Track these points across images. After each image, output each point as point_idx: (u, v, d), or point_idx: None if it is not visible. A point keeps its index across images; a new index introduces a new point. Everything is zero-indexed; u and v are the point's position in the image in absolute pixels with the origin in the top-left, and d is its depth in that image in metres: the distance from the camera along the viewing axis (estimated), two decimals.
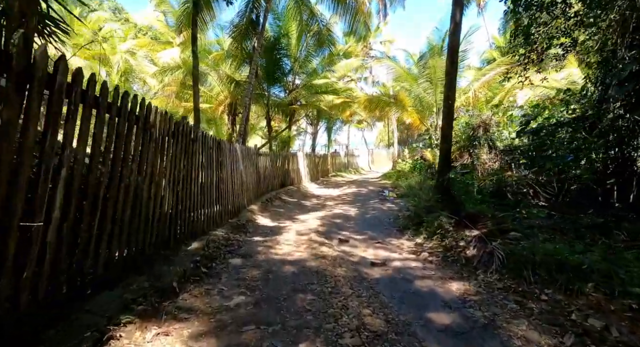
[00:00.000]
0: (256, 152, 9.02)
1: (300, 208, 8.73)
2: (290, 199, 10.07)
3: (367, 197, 10.61)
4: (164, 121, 3.40)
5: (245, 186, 7.50)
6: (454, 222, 4.74)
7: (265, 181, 9.79)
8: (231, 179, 6.38)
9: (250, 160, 8.17)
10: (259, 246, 4.70)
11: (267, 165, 10.18)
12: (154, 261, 3.18)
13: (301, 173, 13.64)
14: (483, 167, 11.64)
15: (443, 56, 12.43)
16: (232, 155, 6.49)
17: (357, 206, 8.81)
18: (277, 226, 6.21)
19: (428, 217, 5.28)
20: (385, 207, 8.48)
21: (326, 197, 11.07)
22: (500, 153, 11.07)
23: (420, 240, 4.98)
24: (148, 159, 3.03)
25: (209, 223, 5.02)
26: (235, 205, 6.60)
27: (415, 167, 15.25)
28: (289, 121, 15.80)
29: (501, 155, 10.98)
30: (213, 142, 5.27)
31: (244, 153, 7.57)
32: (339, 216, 7.37)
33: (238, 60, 13.71)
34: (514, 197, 7.24)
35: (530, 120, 7.35)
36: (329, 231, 5.82)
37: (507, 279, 3.19)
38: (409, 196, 9.89)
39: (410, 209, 7.77)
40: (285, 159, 11.94)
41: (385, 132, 40.80)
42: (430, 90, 13.13)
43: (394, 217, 7.13)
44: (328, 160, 18.41)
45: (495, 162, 11.39)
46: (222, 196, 5.72)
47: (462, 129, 12.64)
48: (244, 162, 7.63)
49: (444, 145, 5.99)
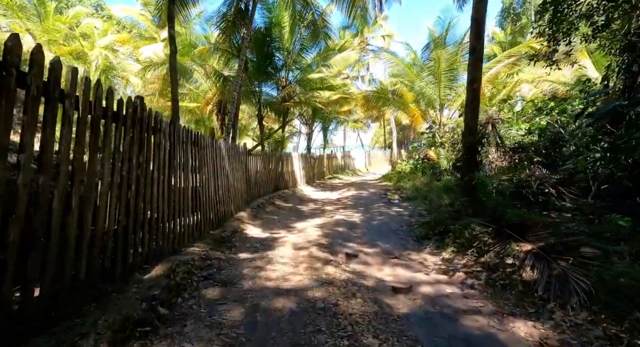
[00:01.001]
0: (246, 152, 7.98)
1: (296, 214, 7.69)
2: (285, 204, 9.03)
3: (370, 201, 9.62)
4: (97, 96, 2.36)
5: (232, 190, 6.45)
6: (492, 232, 3.76)
7: (256, 184, 8.74)
8: (214, 182, 5.33)
9: (238, 161, 7.13)
10: (246, 266, 3.66)
11: (259, 166, 9.14)
12: (82, 304, 2.13)
13: (296, 175, 12.62)
14: (491, 166, 10.81)
15: (447, 47, 11.59)
16: (215, 153, 5.45)
17: (361, 211, 7.81)
18: (270, 238, 5.16)
19: (455, 225, 4.29)
20: (392, 212, 7.49)
21: (324, 201, 10.05)
22: (509, 151, 10.23)
23: (448, 254, 3.99)
24: (62, 148, 1.99)
25: (182, 238, 3.96)
26: (220, 213, 5.54)
27: (417, 168, 14.34)
28: (282, 120, 14.79)
29: (510, 153, 10.14)
30: (187, 135, 4.23)
31: (230, 152, 6.52)
32: (341, 223, 6.36)
33: (226, 54, 12.67)
34: (534, 198, 6.32)
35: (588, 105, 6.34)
36: (332, 243, 4.80)
37: (606, 320, 2.20)
38: (417, 198, 8.93)
39: (422, 214, 6.80)
40: (279, 161, 10.91)
41: (380, 133, 40.01)
42: (434, 84, 12.25)
43: (405, 223, 6.14)
44: (324, 162, 17.42)
45: (503, 161, 10.58)
46: (202, 202, 4.66)
47: None
48: (231, 162, 6.59)
49: (469, 138, 5.02)
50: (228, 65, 13.21)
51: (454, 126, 12.52)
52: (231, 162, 6.55)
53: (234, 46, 11.96)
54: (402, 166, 17.62)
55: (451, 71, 11.74)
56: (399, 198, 9.86)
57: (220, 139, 5.96)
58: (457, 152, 12.19)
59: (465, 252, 3.79)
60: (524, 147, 9.64)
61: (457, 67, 11.67)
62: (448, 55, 11.25)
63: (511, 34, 18.57)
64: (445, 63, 11.56)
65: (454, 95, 12.46)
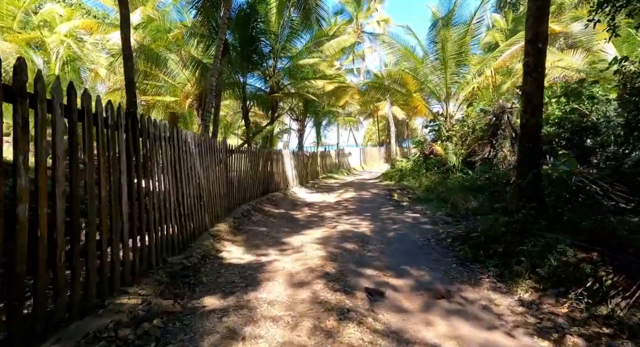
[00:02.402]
0: (226, 149, 6.48)
1: (290, 224, 6.23)
2: (275, 210, 7.56)
3: (375, 204, 8.23)
4: None
5: (206, 197, 4.96)
6: (608, 262, 2.39)
7: (241, 187, 7.25)
8: (175, 188, 3.84)
9: (215, 160, 5.63)
10: (210, 331, 2.19)
11: (244, 166, 7.65)
12: None
13: (288, 175, 11.15)
14: (505, 161, 9.61)
15: (455, 27, 10.26)
16: (177, 148, 3.95)
17: (368, 218, 6.41)
18: (255, 264, 3.70)
19: (527, 245, 2.91)
20: (408, 219, 6.10)
21: (322, 205, 8.62)
22: None
23: (528, 294, 2.61)
24: None
25: (109, 280, 2.47)
26: (186, 229, 4.06)
27: (420, 165, 13.03)
28: (271, 115, 13.29)
29: None
30: (116, 115, 2.72)
31: (203, 148, 5.03)
32: (348, 236, 4.94)
33: (206, 40, 11.07)
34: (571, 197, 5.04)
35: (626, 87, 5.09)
36: (343, 271, 3.38)
37: None
38: (431, 200, 7.60)
39: (448, 221, 5.43)
40: (268, 159, 9.43)
41: (373, 130, 38.76)
42: (440, 70, 10.94)
43: (431, 235, 4.75)
44: (318, 160, 15.98)
45: (515, 154, 9.37)
46: (151, 218, 3.17)
47: (478, 117, 10.52)
48: (205, 161, 5.09)
49: (531, 119, 3.60)
50: (208, 53, 11.60)
51: (463, 117, 11.25)
52: (205, 161, 5.06)
53: (213, 30, 10.38)
54: (402, 164, 16.35)
55: (460, 55, 10.45)
56: (407, 200, 8.51)
57: (188, 130, 4.47)
58: (467, 147, 10.94)
59: (561, 293, 2.41)
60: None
61: (467, 50, 10.39)
62: (457, 36, 9.96)
63: (513, 22, 17.44)
64: (453, 45, 10.26)
65: (462, 82, 11.19)
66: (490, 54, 10.97)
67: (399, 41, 11.19)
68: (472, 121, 10.61)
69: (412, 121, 38.24)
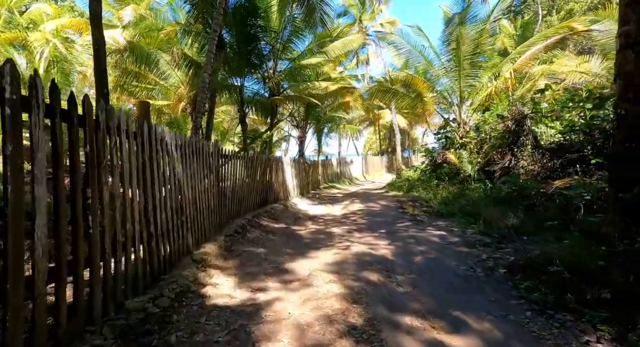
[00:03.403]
0: (218, 153, 5.53)
1: (292, 243, 5.22)
2: (274, 225, 6.56)
3: (388, 218, 7.25)
4: None
5: (191, 211, 3.98)
6: None
7: (235, 198, 6.26)
8: (142, 199, 2.85)
9: (204, 165, 4.67)
10: None
11: (241, 174, 6.69)
12: None
13: (288, 185, 10.17)
14: (525, 170, 8.72)
15: (471, 25, 9.49)
16: (146, 149, 2.99)
17: (385, 236, 5.41)
18: (249, 307, 2.69)
19: None
20: (434, 238, 5.11)
21: (327, 219, 7.62)
22: (546, 152, 8.19)
23: None
24: None
25: None
26: (158, 255, 3.06)
27: (428, 174, 12.10)
28: (270, 120, 12.39)
29: (548, 155, 8.09)
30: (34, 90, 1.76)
31: (188, 151, 4.07)
32: (366, 261, 3.96)
33: (200, 39, 10.27)
34: None
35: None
36: (373, 320, 2.39)
37: None
38: (453, 214, 6.65)
39: (486, 242, 4.45)
40: (267, 166, 8.47)
41: (374, 139, 38.00)
42: (454, 72, 10.13)
43: (474, 261, 3.75)
44: (319, 169, 15.03)
45: (535, 165, 8.54)
46: (95, 244, 2.18)
47: (496, 123, 9.67)
48: (190, 167, 4.13)
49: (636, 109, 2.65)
50: (203, 52, 10.78)
51: (478, 125, 10.39)
52: (190, 167, 4.09)
53: (209, 27, 9.57)
54: (408, 173, 15.43)
55: (475, 55, 9.67)
56: (424, 214, 7.55)
57: (165, 128, 3.51)
58: (485, 155, 10.06)
59: None
60: (564, 147, 7.62)
61: (483, 50, 9.61)
62: (473, 34, 9.19)
63: (521, 28, 16.89)
64: (468, 45, 9.49)
65: (477, 86, 10.38)
66: (509, 56, 10.20)
67: (409, 41, 10.42)
68: (489, 127, 9.76)
69: (412, 130, 37.64)
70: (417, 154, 38.62)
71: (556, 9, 19.51)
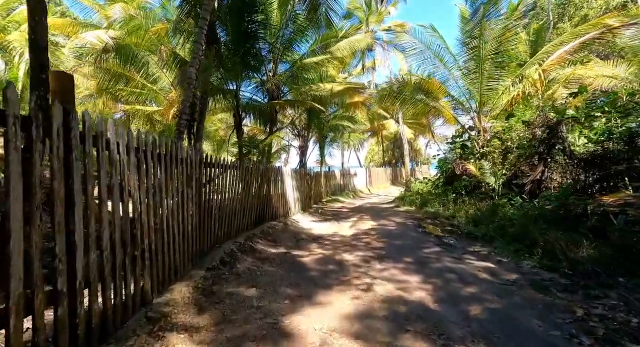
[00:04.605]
0: (201, 162, 4.37)
1: (295, 278, 3.98)
2: (272, 250, 5.33)
3: (409, 240, 6.03)
4: None
5: (153, 240, 2.79)
6: None
7: (224, 217, 5.06)
8: (39, 240, 1.65)
9: (178, 176, 3.50)
10: None
11: (232, 187, 5.52)
12: None
13: (289, 199, 8.97)
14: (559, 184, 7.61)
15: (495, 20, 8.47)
16: (62, 151, 1.82)
17: (415, 268, 4.19)
18: None
19: None
20: (481, 273, 3.88)
21: (335, 240, 6.39)
22: (580, 163, 7.10)
23: None
24: None
25: None
26: (75, 324, 1.84)
27: (442, 187, 10.93)
28: (270, 128, 11.30)
29: (582, 166, 6.99)
30: None
31: (148, 154, 2.90)
32: (402, 315, 2.75)
33: (193, 37, 9.28)
34: None
35: None
36: None
37: None
38: (490, 237, 5.45)
39: (568, 286, 3.23)
40: (265, 178, 7.29)
41: (376, 150, 36.93)
42: (474, 74, 9.09)
43: (568, 320, 2.53)
44: (322, 181, 13.87)
45: (564, 176, 7.49)
46: None
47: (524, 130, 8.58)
48: (152, 176, 2.96)
49: None
50: None
51: (500, 132, 9.28)
52: (154, 178, 2.92)
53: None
54: (419, 186, 14.25)
55: (498, 55, 8.66)
56: (450, 235, 6.34)
57: (110, 121, 2.33)
58: (511, 166, 8.92)
59: None
60: (602, 157, 6.51)
61: (507, 50, 8.59)
62: (499, 31, 8.20)
63: (534, 34, 16.11)
64: (491, 43, 8.49)
65: (499, 89, 9.33)
66: (535, 57, 9.19)
67: (422, 41, 9.45)
68: (517, 135, 8.66)
69: (415, 142, 36.63)
70: (421, 166, 37.58)
71: (568, 16, 18.81)
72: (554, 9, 20.49)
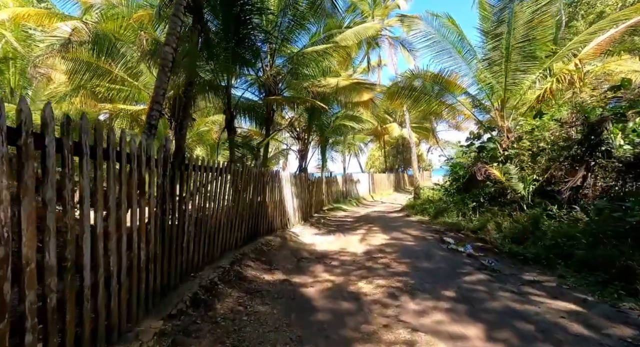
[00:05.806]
0: (165, 160, 3.18)
1: (295, 327, 2.75)
2: (266, 277, 4.11)
3: (438, 262, 4.82)
4: None
5: (50, 290, 1.56)
6: None
7: (202, 235, 3.85)
8: None
9: (123, 181, 2.30)
10: None
11: (217, 194, 4.32)
12: None
13: (287, 208, 7.76)
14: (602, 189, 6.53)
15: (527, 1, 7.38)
16: None
17: (465, 310, 2.99)
18: None
19: None
20: (568, 322, 2.69)
21: (344, 260, 5.17)
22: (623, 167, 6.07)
23: None
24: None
25: None
26: None
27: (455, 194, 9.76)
28: (266, 129, 10.14)
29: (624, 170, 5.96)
30: None
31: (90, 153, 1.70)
32: None
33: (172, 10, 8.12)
34: None
35: None
36: None
37: None
38: (551, 260, 4.26)
39: None
40: (260, 183, 6.08)
41: (377, 156, 35.80)
42: (498, 65, 8.00)
43: None
44: (323, 188, 12.67)
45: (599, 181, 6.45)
46: None
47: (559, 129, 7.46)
48: (96, 188, 1.75)
49: None
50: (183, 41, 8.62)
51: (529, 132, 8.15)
52: (65, 186, 1.73)
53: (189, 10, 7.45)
54: (429, 193, 13.09)
55: (527, 43, 7.58)
56: (486, 254, 5.14)
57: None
58: (542, 171, 7.76)
59: None
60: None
61: (537, 36, 7.50)
62: (530, 13, 7.11)
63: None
64: (519, 29, 7.42)
65: (525, 84, 8.23)
66: (566, 46, 8.12)
67: (438, 30, 8.37)
68: (550, 135, 7.53)
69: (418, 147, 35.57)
70: (422, 172, 36.46)
71: (582, 14, 17.93)
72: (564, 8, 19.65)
